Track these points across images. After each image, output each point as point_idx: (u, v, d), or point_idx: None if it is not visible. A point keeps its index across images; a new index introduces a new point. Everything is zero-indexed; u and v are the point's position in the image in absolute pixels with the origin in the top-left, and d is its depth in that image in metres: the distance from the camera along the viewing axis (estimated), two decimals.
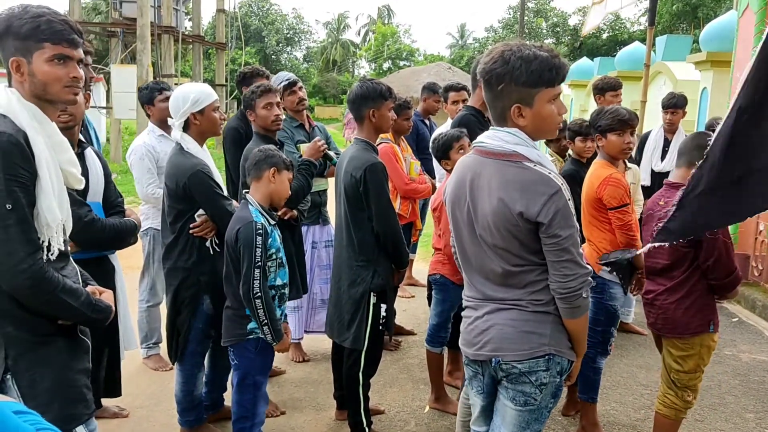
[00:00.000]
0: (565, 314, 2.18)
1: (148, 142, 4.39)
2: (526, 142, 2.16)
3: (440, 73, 29.79)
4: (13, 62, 1.94)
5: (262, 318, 2.93)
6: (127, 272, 4.22)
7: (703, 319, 3.11)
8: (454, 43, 60.18)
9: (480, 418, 2.48)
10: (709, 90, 8.47)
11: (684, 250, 3.05)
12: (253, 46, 51.56)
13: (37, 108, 1.97)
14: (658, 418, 3.31)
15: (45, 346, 2.01)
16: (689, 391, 3.21)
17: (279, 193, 3.09)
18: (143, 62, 15.43)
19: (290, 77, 4.45)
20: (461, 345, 2.41)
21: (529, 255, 2.16)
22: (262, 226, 2.91)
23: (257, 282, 2.87)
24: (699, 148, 3.10)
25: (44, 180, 1.93)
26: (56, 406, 1.99)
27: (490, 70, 2.12)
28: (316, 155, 3.93)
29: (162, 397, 4.13)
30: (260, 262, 2.88)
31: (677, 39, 12.56)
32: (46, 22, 1.93)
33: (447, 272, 3.84)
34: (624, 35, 35.52)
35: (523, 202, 2.08)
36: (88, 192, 2.74)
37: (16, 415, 0.97)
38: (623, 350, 5.09)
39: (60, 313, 2.02)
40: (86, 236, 2.67)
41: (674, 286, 3.12)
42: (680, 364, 3.17)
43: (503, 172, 2.14)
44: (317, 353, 4.91)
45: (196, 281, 3.28)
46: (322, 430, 3.81)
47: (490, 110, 2.24)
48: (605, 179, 3.40)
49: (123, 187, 10.26)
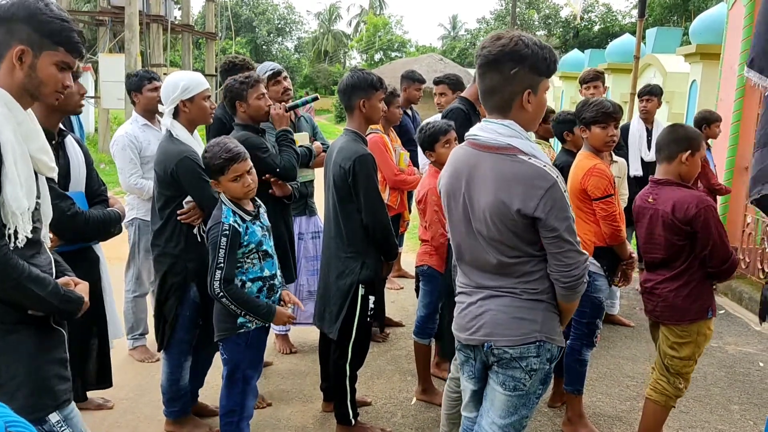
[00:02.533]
0: (563, 299, 2.23)
1: (130, 131, 4.33)
2: (520, 134, 2.15)
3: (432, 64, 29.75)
4: (19, 50, 1.91)
5: (237, 311, 2.94)
6: (113, 263, 4.19)
7: (702, 305, 3.15)
8: (446, 35, 60.14)
9: (470, 403, 2.49)
10: (698, 82, 8.50)
11: (680, 243, 3.08)
12: (243, 36, 51.29)
13: (9, 95, 1.93)
14: (648, 404, 3.33)
15: (13, 334, 1.99)
16: (681, 378, 3.23)
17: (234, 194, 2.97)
18: (131, 51, 15.31)
19: (275, 67, 4.41)
20: (454, 330, 2.42)
21: (526, 247, 2.17)
22: (229, 227, 2.88)
23: (217, 283, 2.87)
24: (676, 141, 3.15)
25: (8, 167, 1.89)
26: (21, 395, 1.97)
27: (511, 51, 2.07)
28: (283, 121, 3.84)
29: (147, 389, 4.11)
30: (222, 263, 2.86)
31: (667, 31, 12.59)
32: (69, 29, 1.97)
33: (434, 263, 3.83)
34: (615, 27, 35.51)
35: (519, 198, 2.08)
36: (70, 181, 2.71)
37: None
38: (609, 342, 5.10)
39: (26, 301, 1.99)
40: (70, 229, 2.65)
41: (674, 275, 3.16)
42: (676, 350, 3.20)
43: (499, 167, 2.13)
44: (304, 345, 4.90)
45: (184, 268, 3.28)
46: (308, 421, 3.80)
47: (491, 96, 2.17)
48: (589, 170, 3.41)
49: (110, 177, 10.20)
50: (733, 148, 6.88)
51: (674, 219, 3.04)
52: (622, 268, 3.66)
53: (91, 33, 22.76)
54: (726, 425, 3.89)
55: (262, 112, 3.67)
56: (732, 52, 6.98)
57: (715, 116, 5.86)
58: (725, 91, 7.12)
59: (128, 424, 3.73)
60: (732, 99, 6.89)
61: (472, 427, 2.48)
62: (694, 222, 3.00)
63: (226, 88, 3.65)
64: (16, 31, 1.91)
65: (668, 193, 3.12)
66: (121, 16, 16.74)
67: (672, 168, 3.16)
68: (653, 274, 3.27)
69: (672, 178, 3.16)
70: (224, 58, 4.60)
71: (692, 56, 8.56)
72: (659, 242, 3.15)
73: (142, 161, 4.28)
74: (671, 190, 3.12)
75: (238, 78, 3.64)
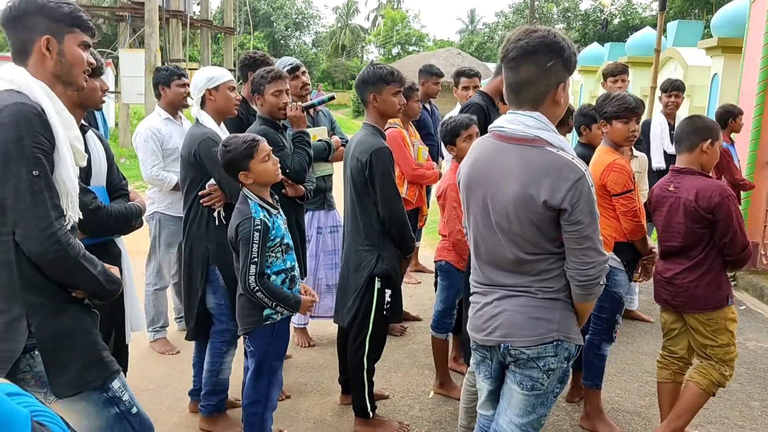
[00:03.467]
0: (578, 299, 2.21)
1: (153, 124, 4.38)
2: (548, 126, 2.14)
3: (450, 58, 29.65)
4: (45, 40, 2.02)
5: (270, 304, 2.97)
6: (133, 256, 4.22)
7: (722, 293, 3.22)
8: (464, 29, 59.88)
9: (486, 402, 2.49)
10: (720, 76, 8.39)
11: (700, 231, 3.14)
12: (261, 30, 51.40)
13: (46, 86, 2.04)
14: (690, 386, 3.31)
15: (64, 312, 2.09)
16: (727, 366, 3.27)
17: (266, 177, 3.01)
18: (151, 47, 15.38)
19: (293, 62, 4.43)
20: (469, 330, 2.41)
21: (546, 243, 2.15)
22: (261, 222, 2.90)
23: (252, 278, 2.90)
24: (696, 131, 3.19)
25: (62, 150, 2.01)
26: (74, 368, 2.07)
27: (550, 42, 2.07)
28: (301, 122, 3.84)
29: (168, 381, 4.16)
30: (256, 258, 2.89)
31: (688, 24, 12.42)
32: (76, 10, 2.09)
33: (452, 259, 3.84)
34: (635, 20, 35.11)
35: (547, 189, 2.06)
36: (91, 176, 2.74)
37: (9, 397, 0.97)
38: (628, 337, 5.08)
39: (80, 280, 2.08)
40: (92, 223, 2.69)
41: (694, 265, 3.21)
42: (713, 338, 3.24)
43: (526, 158, 2.11)
44: (323, 338, 4.93)
45: (205, 249, 3.35)
46: (327, 414, 3.83)
47: (525, 88, 2.14)
48: (609, 165, 3.39)
49: (131, 171, 10.30)
50: (755, 143, 6.80)
51: (697, 207, 3.09)
52: (643, 263, 3.65)
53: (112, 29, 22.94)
54: (746, 422, 3.86)
55: (276, 109, 3.66)
56: (754, 46, 6.88)
57: (738, 109, 5.87)
58: (747, 85, 7.04)
59: (150, 415, 3.72)
60: (754, 93, 6.79)
61: (488, 424, 2.48)
62: (716, 211, 3.06)
63: (251, 81, 3.73)
64: (34, 24, 2.03)
65: (691, 182, 3.17)
66: (141, 12, 16.85)
67: (693, 157, 3.21)
68: (670, 263, 3.29)
69: (694, 168, 3.20)
70: (243, 54, 4.63)
71: (714, 50, 8.45)
72: (678, 230, 3.19)
73: (164, 154, 4.33)
74: (694, 179, 3.17)
75: (260, 72, 3.68)
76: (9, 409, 0.95)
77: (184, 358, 4.26)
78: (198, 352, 3.68)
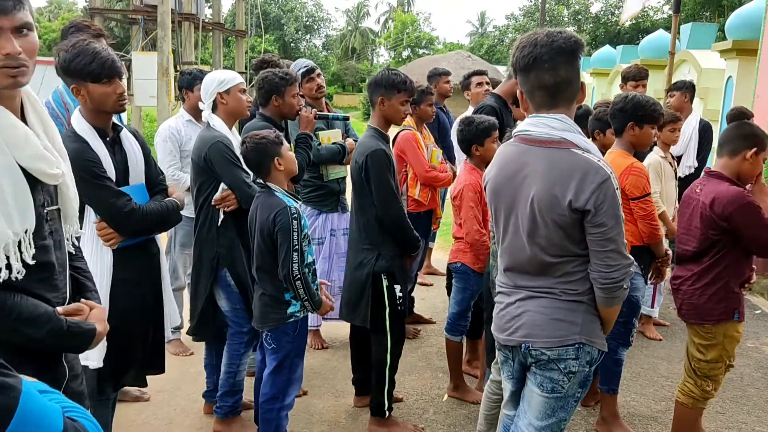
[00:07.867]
0: (602, 302, 2.19)
1: (174, 125, 4.44)
2: (573, 127, 2.14)
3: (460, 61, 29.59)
4: None
5: (303, 296, 3.00)
6: None
7: (728, 307, 3.08)
8: (474, 31, 59.75)
9: (510, 402, 2.49)
10: (734, 79, 8.34)
11: (714, 238, 3.04)
12: (272, 33, 51.53)
13: None
14: (677, 406, 3.32)
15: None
16: (709, 381, 3.18)
17: (293, 165, 3.16)
18: (164, 49, 15.45)
19: (308, 64, 4.44)
20: (493, 330, 2.42)
21: (571, 245, 2.15)
22: (296, 210, 2.98)
23: (296, 265, 2.94)
24: (742, 137, 3.07)
25: None
26: None
27: (580, 43, 2.10)
28: (309, 125, 3.89)
29: (183, 382, 4.17)
30: (297, 246, 2.94)
31: (702, 27, 12.35)
32: None
33: (468, 261, 3.83)
34: (647, 23, 34.94)
35: (572, 191, 2.05)
36: (129, 176, 2.75)
37: (41, 394, 0.99)
38: (644, 341, 5.05)
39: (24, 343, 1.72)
40: (129, 226, 2.69)
41: (700, 272, 3.11)
42: (702, 353, 3.16)
43: (552, 160, 2.11)
44: (336, 340, 4.93)
45: (215, 253, 3.35)
46: (341, 416, 3.82)
47: (565, 89, 2.13)
48: (627, 169, 3.36)
49: None
50: None
51: (712, 213, 3.01)
52: (656, 264, 3.63)
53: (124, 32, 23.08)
54: (763, 427, 3.82)
55: (294, 111, 3.74)
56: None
57: (749, 111, 5.76)
58: (762, 88, 6.99)
59: (165, 416, 3.79)
60: None
61: (511, 424, 2.48)
62: (731, 219, 2.96)
63: (263, 79, 3.68)
64: None
65: (713, 186, 3.08)
66: (153, 15, 16.91)
67: (733, 163, 3.09)
68: (682, 269, 3.24)
69: (725, 173, 3.09)
70: (258, 57, 4.65)
71: (728, 52, 8.41)
72: (695, 234, 3.13)
73: (183, 155, 4.37)
74: (717, 184, 3.07)
75: (278, 72, 3.68)
76: (42, 405, 0.96)
77: (198, 360, 4.26)
78: (208, 354, 3.69)
